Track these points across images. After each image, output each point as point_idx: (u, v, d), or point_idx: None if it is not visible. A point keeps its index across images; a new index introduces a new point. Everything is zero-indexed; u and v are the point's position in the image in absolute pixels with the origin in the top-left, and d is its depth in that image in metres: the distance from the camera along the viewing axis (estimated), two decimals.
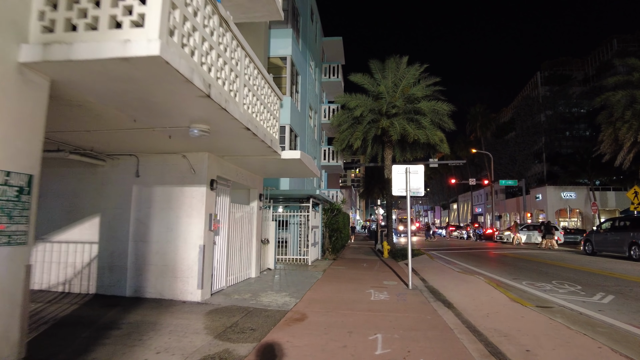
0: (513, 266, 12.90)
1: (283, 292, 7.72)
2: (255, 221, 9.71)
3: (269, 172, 9.53)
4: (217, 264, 7.63)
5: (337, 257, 15.73)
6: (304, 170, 8.76)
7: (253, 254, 9.60)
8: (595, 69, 49.52)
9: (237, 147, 6.42)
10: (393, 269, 11.99)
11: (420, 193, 9.10)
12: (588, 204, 38.69)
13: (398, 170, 9.23)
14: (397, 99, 17.64)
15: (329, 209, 15.50)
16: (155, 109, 4.42)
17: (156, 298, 6.75)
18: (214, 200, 7.14)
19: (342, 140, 18.88)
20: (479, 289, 8.14)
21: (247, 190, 9.79)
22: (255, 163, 8.02)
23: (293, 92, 14.95)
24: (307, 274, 10.60)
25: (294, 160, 7.51)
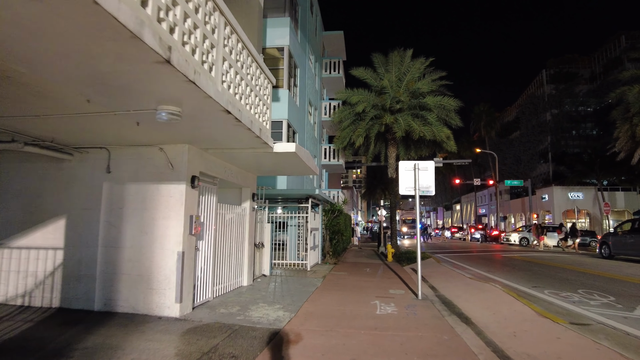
0: (528, 271, 11.94)
1: (276, 304, 6.79)
2: (248, 223, 8.79)
3: (263, 169, 8.61)
4: (202, 273, 6.71)
5: (338, 261, 14.81)
6: (301, 166, 7.84)
7: (245, 259, 8.69)
8: (602, 66, 48.42)
9: (220, 137, 5.52)
10: (399, 275, 11.05)
11: (430, 192, 8.18)
12: (596, 205, 37.66)
13: (406, 167, 8.31)
14: (402, 94, 16.71)
15: (330, 209, 14.59)
16: (108, 83, 3.52)
17: (128, 313, 5.83)
18: (195, 199, 6.22)
19: (344, 138, 17.95)
20: (499, 300, 7.20)
21: (238, 190, 8.88)
22: (245, 158, 7.11)
23: (291, 86, 14.05)
24: (306, 281, 9.67)
25: (289, 155, 6.59)
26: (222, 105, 4.09)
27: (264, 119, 6.22)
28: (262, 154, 6.59)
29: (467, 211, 69.51)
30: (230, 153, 6.62)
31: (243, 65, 5.12)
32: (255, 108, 5.73)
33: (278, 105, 12.83)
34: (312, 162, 8.19)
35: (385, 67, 17.79)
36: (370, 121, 17.30)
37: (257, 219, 10.08)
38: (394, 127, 16.55)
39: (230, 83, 4.66)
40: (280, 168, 8.45)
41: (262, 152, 6.46)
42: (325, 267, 12.61)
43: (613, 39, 46.58)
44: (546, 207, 40.73)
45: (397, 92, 16.90)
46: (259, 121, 5.86)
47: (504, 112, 61.77)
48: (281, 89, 13.10)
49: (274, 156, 6.80)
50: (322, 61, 22.37)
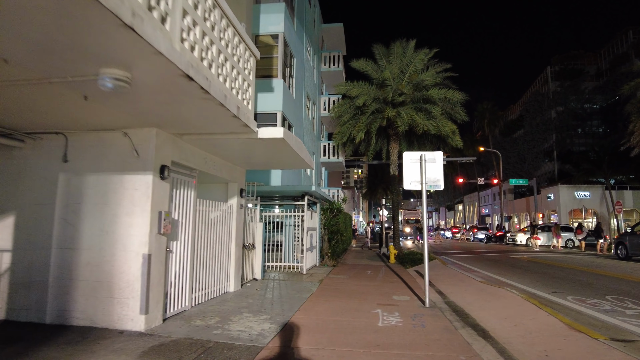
0: (542, 274, 11.01)
1: (263, 315, 5.89)
2: (235, 222, 7.90)
3: (252, 161, 7.72)
4: (177, 278, 5.82)
5: (338, 262, 13.90)
6: (292, 157, 6.95)
7: (231, 262, 7.79)
8: (609, 62, 47.33)
9: (191, 116, 4.63)
10: (402, 278, 10.14)
11: (439, 186, 7.28)
12: (604, 204, 36.63)
13: (411, 158, 7.42)
14: (404, 86, 15.80)
15: (328, 208, 13.68)
16: (27, 35, 2.63)
17: (85, 326, 4.94)
18: (166, 193, 5.33)
19: (343, 133, 17.04)
20: (518, 309, 6.28)
21: (224, 185, 7.99)
22: (228, 147, 6.21)
23: (286, 76, 13.17)
24: (300, 285, 8.77)
25: (276, 142, 5.69)
26: (181, 68, 3.20)
27: (244, 97, 5.33)
28: (245, 141, 5.70)
29: (469, 211, 68.45)
30: (209, 140, 5.73)
31: (214, 27, 4.22)
32: (232, 82, 4.84)
33: (272, 96, 11.95)
34: (306, 152, 7.29)
35: (386, 58, 16.89)
36: (371, 115, 16.40)
37: (247, 218, 9.20)
38: (396, 121, 15.65)
39: (195, 44, 3.76)
40: (270, 160, 7.55)
41: (245, 139, 5.56)
42: (323, 270, 11.70)
43: (620, 34, 45.46)
44: (552, 207, 39.71)
45: (399, 84, 15.99)
46: (237, 98, 4.97)
47: (507, 110, 60.69)
48: (275, 79, 12.22)
49: (260, 144, 5.91)
50: (320, 54, 21.50)
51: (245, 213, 9.02)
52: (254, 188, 9.77)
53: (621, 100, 42.53)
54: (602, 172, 33.36)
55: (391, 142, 17.34)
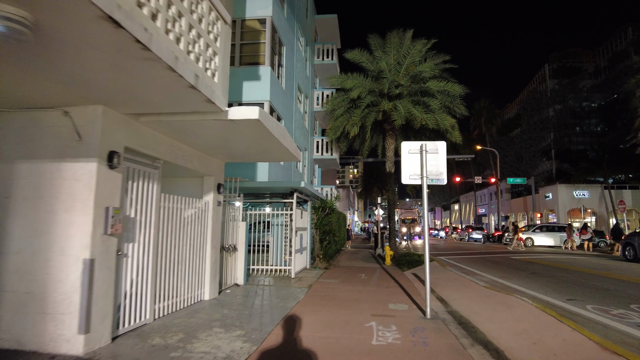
0: (551, 277, 10.19)
1: (237, 330, 4.99)
2: (211, 221, 6.98)
3: (230, 151, 6.80)
4: (133, 287, 4.90)
5: (330, 265, 13.02)
6: (274, 146, 6.04)
7: (206, 267, 6.87)
8: (607, 59, 46.80)
9: (138, 89, 3.72)
10: (399, 283, 9.28)
11: (441, 180, 6.42)
12: (602, 203, 36.08)
13: (410, 149, 6.55)
14: (401, 77, 14.94)
15: (320, 207, 12.80)
16: None
17: (9, 349, 4.01)
18: (116, 185, 4.41)
19: (337, 128, 16.15)
20: (535, 321, 5.42)
21: (198, 179, 7.07)
22: (196, 131, 5.30)
23: (275, 65, 12.26)
24: (286, 292, 7.87)
25: (251, 125, 4.79)
26: (99, 6, 2.29)
27: (208, 67, 4.42)
28: (214, 124, 4.79)
29: (465, 211, 67.86)
30: (172, 123, 4.81)
31: None
32: (190, 45, 3.93)
33: (258, 85, 11.04)
34: (290, 141, 6.39)
35: (382, 49, 16.01)
36: (366, 109, 15.52)
37: (228, 217, 8.29)
38: (393, 114, 14.79)
39: None
40: (249, 150, 6.64)
41: (214, 122, 4.66)
42: (313, 273, 10.81)
43: (619, 31, 44.90)
44: (550, 206, 39.12)
45: (395, 76, 15.13)
46: (196, 65, 4.06)
47: (504, 109, 60.03)
48: (262, 66, 11.30)
49: (233, 129, 5.00)
50: (314, 47, 20.61)
51: (225, 211, 8.11)
52: (236, 184, 8.87)
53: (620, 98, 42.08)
54: (602, 170, 32.74)
55: (387, 138, 16.49)
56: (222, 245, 7.90)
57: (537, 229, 26.88)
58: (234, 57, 11.32)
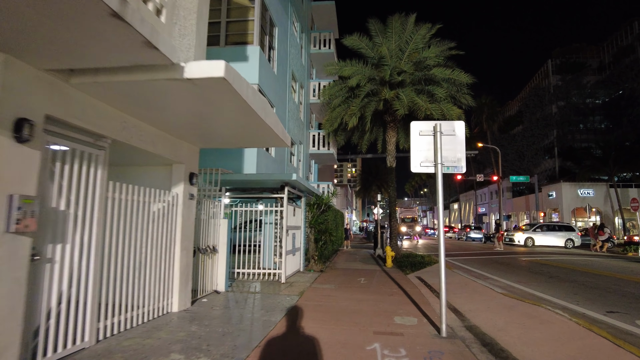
0: (574, 282, 9.08)
1: (200, 359, 3.83)
2: (180, 218, 5.82)
3: (202, 131, 5.63)
4: (65, 301, 3.74)
5: (326, 267, 11.88)
6: (253, 122, 4.88)
7: (175, 273, 5.71)
8: (612, 55, 45.73)
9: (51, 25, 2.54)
10: (403, 288, 8.14)
11: (459, 168, 5.29)
12: (608, 202, 35.05)
13: (421, 130, 5.41)
14: (404, 64, 13.80)
15: (315, 203, 11.65)
16: None
17: None
18: (31, 165, 3.25)
19: (334, 119, 15.00)
20: (582, 344, 4.29)
21: (166, 168, 5.92)
22: (150, 99, 4.13)
23: (265, 45, 11.09)
24: (273, 301, 6.72)
25: (215, 86, 3.63)
26: None
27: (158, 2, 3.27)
28: (168, 87, 3.63)
29: (465, 210, 66.78)
30: (112, 86, 3.65)
31: None
32: None
33: (245, 66, 9.86)
34: (273, 116, 5.25)
35: (383, 35, 14.85)
36: (365, 98, 14.37)
37: (206, 213, 7.13)
38: (395, 104, 13.64)
39: None
40: (224, 130, 5.47)
41: (165, 82, 3.50)
42: (307, 277, 9.66)
43: (625, 25, 43.80)
44: (553, 205, 38.07)
45: (398, 62, 13.98)
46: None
47: (505, 106, 58.89)
48: (250, 46, 10.13)
49: (195, 95, 3.84)
50: (310, 35, 19.45)
51: (203, 207, 6.95)
52: (216, 176, 7.71)
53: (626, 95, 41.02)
54: (608, 168, 31.68)
55: (388, 130, 15.35)
56: (198, 246, 6.74)
57: (537, 228, 25.80)
58: (219, 36, 10.16)
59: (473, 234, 36.69)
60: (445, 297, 4.89)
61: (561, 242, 24.66)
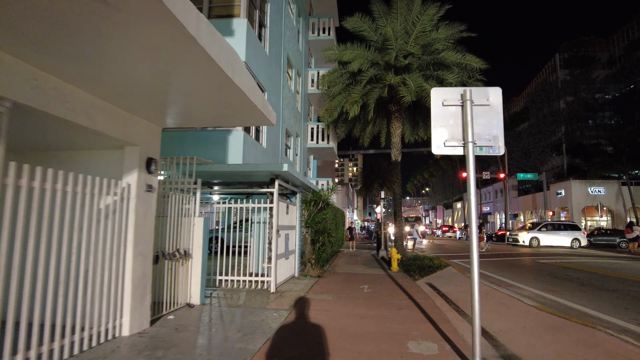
0: (617, 293, 7.79)
1: None
2: (133, 215, 4.53)
3: (165, 104, 4.34)
4: None
5: (324, 271, 10.60)
6: (223, 84, 3.59)
7: (125, 285, 4.43)
8: (623, 48, 44.20)
9: None
10: (414, 299, 6.84)
11: (496, 148, 4.00)
12: (619, 200, 33.69)
13: (445, 99, 4.11)
14: (411, 46, 12.49)
15: (312, 200, 10.37)
16: None
17: None
18: None
19: (333, 109, 13.70)
20: None
21: (117, 152, 4.64)
22: (65, 41, 2.83)
23: (255, 21, 9.81)
24: (257, 318, 5.43)
25: (151, 15, 2.33)
26: None
27: None
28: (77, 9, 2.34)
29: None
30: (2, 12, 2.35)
31: None
32: None
33: (231, 41, 8.56)
34: (248, 79, 3.96)
35: (387, 17, 13.54)
36: (368, 85, 13.06)
37: (178, 210, 5.84)
38: (400, 90, 12.33)
39: None
40: (189, 101, 4.18)
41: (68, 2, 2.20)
42: (301, 285, 8.38)
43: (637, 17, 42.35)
44: (562, 204, 36.69)
45: (403, 45, 12.66)
46: None
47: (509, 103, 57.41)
48: (237, 19, 8.83)
49: (127, 31, 2.56)
50: (308, 20, 18.15)
51: (169, 202, 5.66)
52: (191, 167, 6.42)
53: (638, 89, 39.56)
54: (621, 165, 30.29)
55: (392, 121, 14.03)
56: (163, 250, 5.46)
57: (542, 228, 24.50)
58: (201, 8, 8.88)
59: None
60: (479, 322, 3.59)
61: (567, 242, 23.56)
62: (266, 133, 10.47)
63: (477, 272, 3.67)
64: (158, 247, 5.34)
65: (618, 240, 25.98)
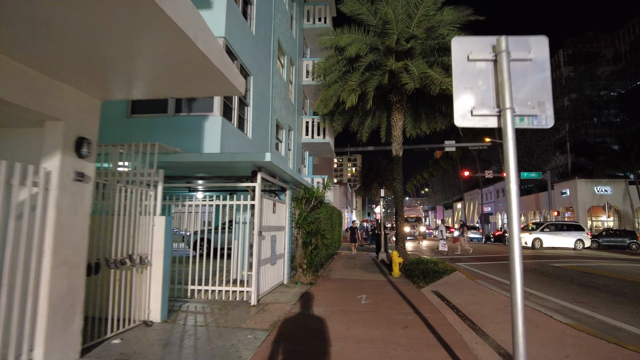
0: None
1: None
2: (54, 212, 3.41)
3: (101, 65, 3.23)
4: None
5: (317, 277, 9.49)
6: (165, 27, 2.46)
7: (41, 305, 3.31)
8: (629, 44, 43.16)
9: None
10: (421, 314, 5.71)
11: (542, 118, 2.88)
12: (627, 200, 32.64)
13: (471, 52, 2.98)
14: (414, 29, 11.38)
15: (304, 198, 9.25)
16: None
17: None
18: None
19: (329, 99, 12.60)
20: None
21: (36, 131, 3.51)
22: None
23: None
24: (226, 342, 4.30)
25: None
26: None
27: None
28: None
29: (469, 209, 64.26)
30: None
31: None
32: None
33: (208, 14, 7.44)
34: (206, 29, 2.84)
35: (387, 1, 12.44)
36: (367, 72, 11.95)
37: (131, 208, 4.72)
38: (402, 77, 11.23)
39: None
40: (124, 57, 3.07)
41: None
42: (289, 295, 7.25)
43: None
44: (567, 204, 35.61)
45: (405, 28, 11.55)
46: None
47: None
48: None
49: None
50: (303, 8, 17.05)
51: (113, 195, 4.53)
52: (152, 156, 5.30)
53: None
54: (629, 163, 29.21)
55: (393, 113, 12.93)
56: (107, 257, 4.33)
57: (545, 228, 23.40)
58: None
59: (470, 234, 36.16)
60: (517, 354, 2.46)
61: (571, 243, 22.53)
62: (252, 121, 9.35)
63: (520, 297, 2.55)
64: (99, 253, 4.22)
65: (628, 241, 24.93)
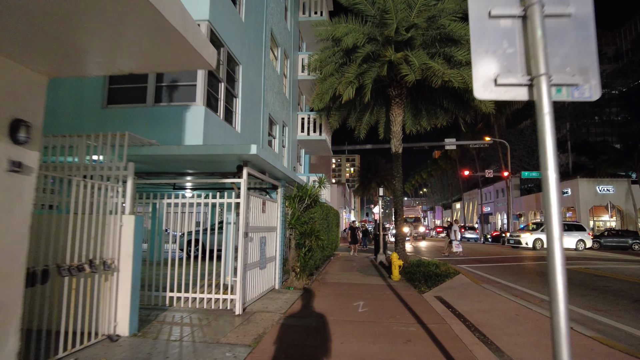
0: None
1: None
2: None
3: (44, 34, 2.58)
4: None
5: (312, 281, 8.87)
6: None
7: None
8: (630, 41, 42.70)
9: None
10: (425, 324, 5.09)
11: (587, 90, 2.25)
12: (629, 200, 32.11)
13: (492, 8, 2.36)
14: (414, 17, 10.77)
15: (297, 196, 8.63)
16: None
17: None
18: None
19: (325, 92, 11.96)
20: None
21: None
22: None
23: None
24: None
25: None
26: None
27: None
28: None
29: (468, 210, 63.67)
30: None
31: None
32: None
33: None
34: None
35: None
36: (364, 64, 11.32)
37: (93, 206, 4.10)
38: (402, 69, 10.61)
39: None
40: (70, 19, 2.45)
41: None
42: (280, 302, 6.62)
43: None
44: (568, 203, 35.05)
45: (405, 17, 10.94)
46: None
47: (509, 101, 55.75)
48: None
49: None
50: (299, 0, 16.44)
51: (75, 190, 3.90)
52: (121, 149, 4.66)
53: None
54: (632, 162, 28.68)
55: (393, 107, 12.33)
56: (59, 263, 3.70)
57: (545, 229, 22.80)
58: None
59: (468, 235, 36.47)
60: None
61: (572, 243, 22.05)
62: (241, 114, 8.72)
63: (565, 316, 1.92)
64: (48, 258, 3.59)
65: (631, 241, 24.43)
